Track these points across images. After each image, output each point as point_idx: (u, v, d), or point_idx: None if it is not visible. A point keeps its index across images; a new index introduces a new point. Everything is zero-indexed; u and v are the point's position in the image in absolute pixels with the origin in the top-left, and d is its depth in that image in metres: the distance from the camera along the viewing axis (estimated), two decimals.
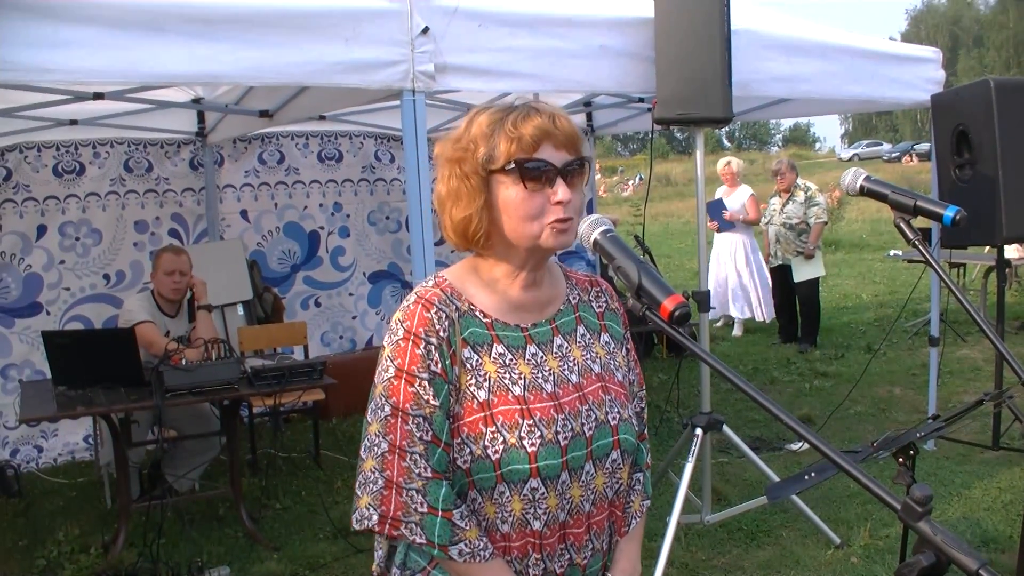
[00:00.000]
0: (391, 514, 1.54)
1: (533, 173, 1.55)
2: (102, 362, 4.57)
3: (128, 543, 4.60)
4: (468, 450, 1.56)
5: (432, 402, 1.55)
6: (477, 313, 1.64)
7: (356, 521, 1.58)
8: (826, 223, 8.97)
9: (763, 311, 9.82)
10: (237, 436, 5.09)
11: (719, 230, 9.66)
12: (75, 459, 6.31)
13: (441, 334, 1.58)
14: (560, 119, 1.58)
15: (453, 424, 1.57)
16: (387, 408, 1.56)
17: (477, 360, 1.60)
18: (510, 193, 1.56)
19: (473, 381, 1.59)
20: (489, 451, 1.55)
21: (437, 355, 1.56)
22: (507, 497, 1.56)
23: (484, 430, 1.56)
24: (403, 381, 1.56)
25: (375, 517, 1.55)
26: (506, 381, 1.60)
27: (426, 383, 1.55)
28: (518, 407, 1.58)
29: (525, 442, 1.56)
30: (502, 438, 1.55)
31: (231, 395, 4.67)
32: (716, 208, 9.47)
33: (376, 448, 1.56)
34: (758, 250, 9.82)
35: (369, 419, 1.59)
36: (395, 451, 1.54)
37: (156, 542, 4.35)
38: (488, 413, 1.57)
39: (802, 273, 9.23)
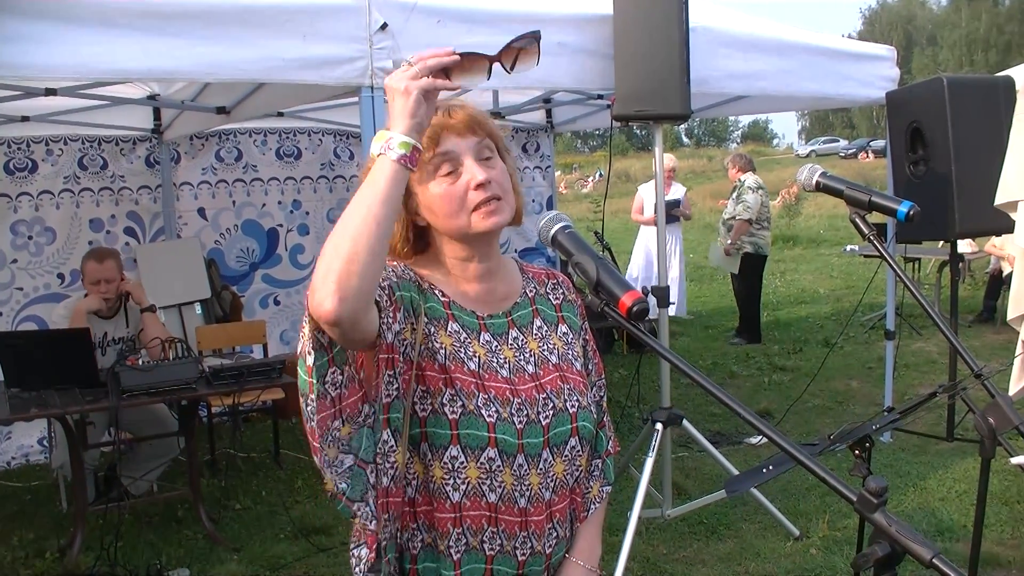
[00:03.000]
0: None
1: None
2: (56, 363, 4.49)
3: (85, 547, 4.53)
4: (428, 402, 1.55)
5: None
6: (436, 292, 1.64)
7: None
8: (749, 220, 8.95)
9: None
10: (195, 437, 5.04)
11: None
12: (29, 462, 6.19)
13: (405, 279, 1.57)
14: (455, 110, 1.59)
15: (417, 372, 1.55)
16: None
17: (433, 330, 1.59)
18: (429, 193, 1.58)
19: (430, 344, 1.58)
20: (447, 409, 1.55)
21: (393, 275, 1.54)
22: (461, 463, 1.55)
23: (443, 389, 1.56)
24: None
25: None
26: (461, 355, 1.60)
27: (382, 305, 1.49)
28: (474, 380, 1.59)
29: (483, 411, 1.56)
30: (460, 402, 1.55)
31: (189, 395, 4.62)
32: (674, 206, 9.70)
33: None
34: (680, 242, 10.09)
35: None
36: None
37: (113, 545, 4.29)
38: (446, 376, 1.57)
39: (714, 260, 9.54)
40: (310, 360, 1.41)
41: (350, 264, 1.33)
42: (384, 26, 3.54)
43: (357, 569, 1.57)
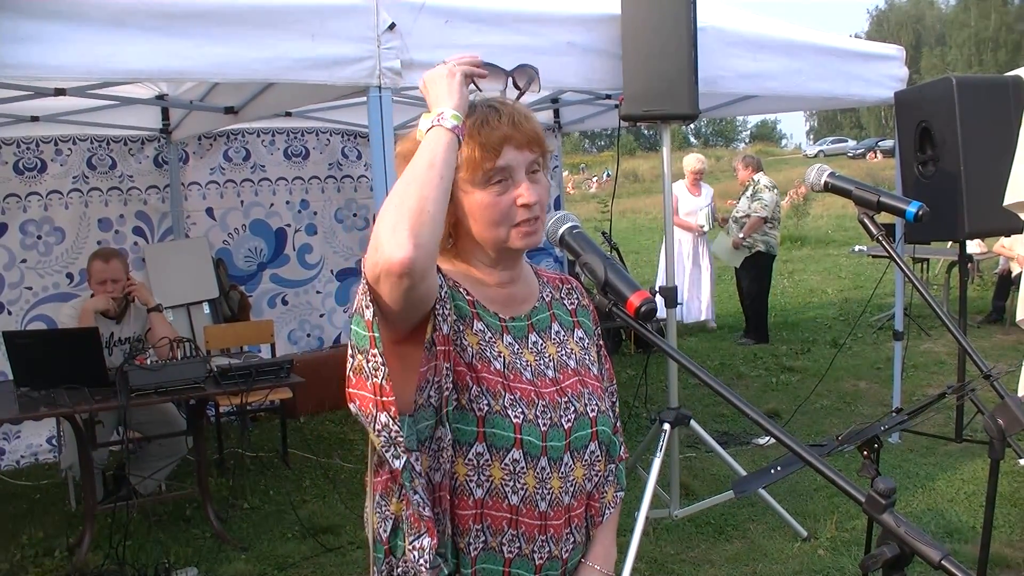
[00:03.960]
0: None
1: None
2: (65, 362, 4.50)
3: (94, 545, 4.55)
4: (454, 396, 1.54)
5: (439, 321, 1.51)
6: (461, 290, 1.63)
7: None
8: (765, 219, 8.97)
9: (702, 311, 9.98)
10: (204, 436, 5.05)
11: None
12: (39, 461, 6.22)
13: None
14: (520, 119, 1.58)
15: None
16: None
17: (460, 328, 1.59)
18: (474, 199, 1.57)
19: (459, 340, 1.57)
20: (474, 405, 1.54)
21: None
22: (486, 460, 1.55)
23: (470, 384, 1.55)
24: None
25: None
26: (487, 354, 1.60)
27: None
28: (500, 380, 1.58)
29: (510, 412, 1.56)
30: (486, 401, 1.55)
31: (197, 394, 4.63)
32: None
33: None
34: (708, 247, 9.98)
35: None
36: None
37: (122, 544, 4.29)
38: (473, 374, 1.56)
39: (719, 251, 9.47)
40: (368, 314, 1.41)
41: (420, 213, 1.36)
42: (392, 26, 3.54)
43: (421, 560, 1.50)
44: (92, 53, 3.13)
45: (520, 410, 1.57)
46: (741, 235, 9.05)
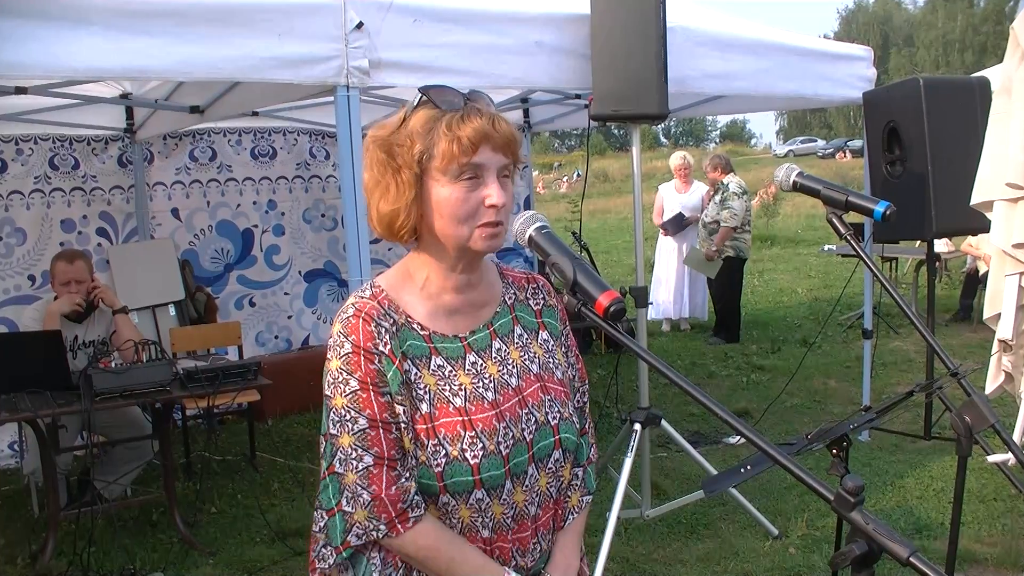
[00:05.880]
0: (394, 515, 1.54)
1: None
2: (28, 365, 4.43)
3: (57, 552, 4.47)
4: (416, 454, 1.56)
5: (398, 408, 1.55)
6: (415, 326, 1.61)
7: (358, 537, 1.54)
8: (735, 228, 8.97)
9: (686, 309, 10.01)
10: (170, 439, 4.98)
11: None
12: None
13: (382, 348, 1.56)
14: (499, 121, 1.57)
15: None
16: (362, 421, 1.53)
17: (416, 373, 1.58)
18: (444, 192, 1.55)
19: (414, 394, 1.57)
20: (432, 462, 1.54)
21: (385, 365, 1.56)
22: (453, 507, 1.56)
23: (427, 442, 1.55)
24: (371, 392, 1.54)
25: (382, 526, 1.53)
26: (446, 393, 1.58)
27: (391, 394, 1.55)
28: (460, 419, 1.57)
29: (467, 454, 1.55)
30: (444, 451, 1.54)
31: (163, 397, 4.56)
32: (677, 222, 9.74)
33: (358, 462, 1.52)
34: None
35: (336, 432, 1.55)
36: (382, 463, 1.53)
37: (87, 550, 4.23)
38: (429, 426, 1.55)
39: (692, 263, 9.43)
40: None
41: None
42: (360, 25, 3.52)
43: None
44: (55, 51, 3.09)
45: (480, 447, 1.56)
46: (714, 247, 9.04)
